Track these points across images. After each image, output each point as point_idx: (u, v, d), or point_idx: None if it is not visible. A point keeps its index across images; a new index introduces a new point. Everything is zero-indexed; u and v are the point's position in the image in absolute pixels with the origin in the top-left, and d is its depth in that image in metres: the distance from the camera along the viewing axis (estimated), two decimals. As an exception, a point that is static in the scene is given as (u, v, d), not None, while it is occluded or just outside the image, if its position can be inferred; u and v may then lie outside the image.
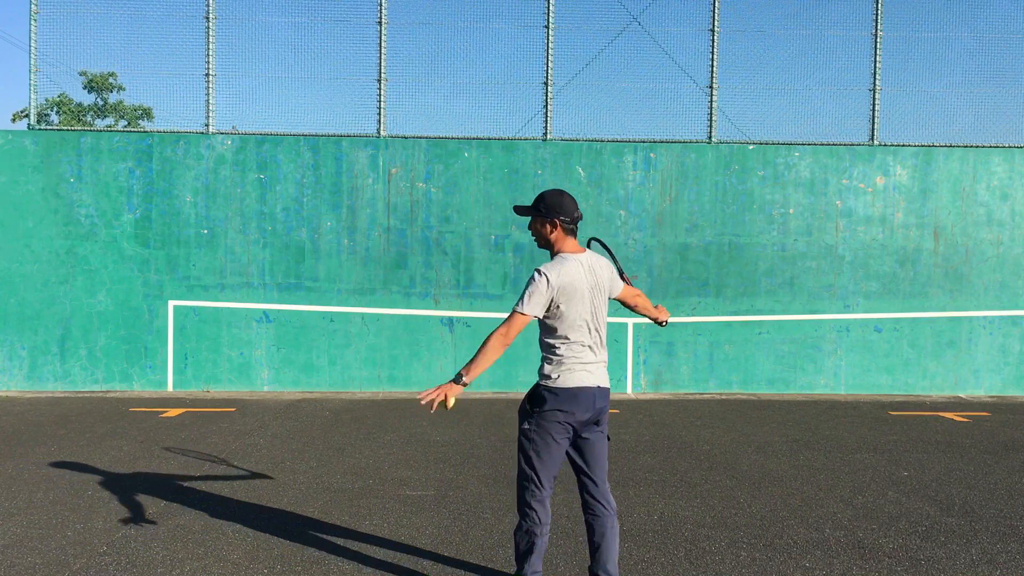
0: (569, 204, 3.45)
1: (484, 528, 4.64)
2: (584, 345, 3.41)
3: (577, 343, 3.40)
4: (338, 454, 6.43)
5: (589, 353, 3.43)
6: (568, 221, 3.44)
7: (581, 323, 3.40)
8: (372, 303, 9.63)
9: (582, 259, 3.45)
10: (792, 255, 9.80)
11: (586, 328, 3.41)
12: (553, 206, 3.43)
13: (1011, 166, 9.91)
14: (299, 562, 4.11)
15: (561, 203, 3.44)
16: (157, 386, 9.49)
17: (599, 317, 3.48)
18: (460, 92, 9.96)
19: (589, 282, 3.42)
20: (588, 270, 3.44)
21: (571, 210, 3.44)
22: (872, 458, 6.42)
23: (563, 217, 3.43)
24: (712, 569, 4.06)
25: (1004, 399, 9.60)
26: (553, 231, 3.45)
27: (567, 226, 3.45)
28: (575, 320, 3.38)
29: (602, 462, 3.52)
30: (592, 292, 3.43)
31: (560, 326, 3.39)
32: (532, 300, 3.31)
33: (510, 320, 3.32)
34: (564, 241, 3.47)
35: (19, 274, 9.42)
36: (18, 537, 4.44)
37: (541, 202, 3.46)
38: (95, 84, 22.03)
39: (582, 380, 3.39)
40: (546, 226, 3.46)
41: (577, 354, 3.40)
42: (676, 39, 9.90)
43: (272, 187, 9.58)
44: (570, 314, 3.37)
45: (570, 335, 3.39)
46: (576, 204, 3.49)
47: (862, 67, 9.93)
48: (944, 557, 4.26)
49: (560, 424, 3.38)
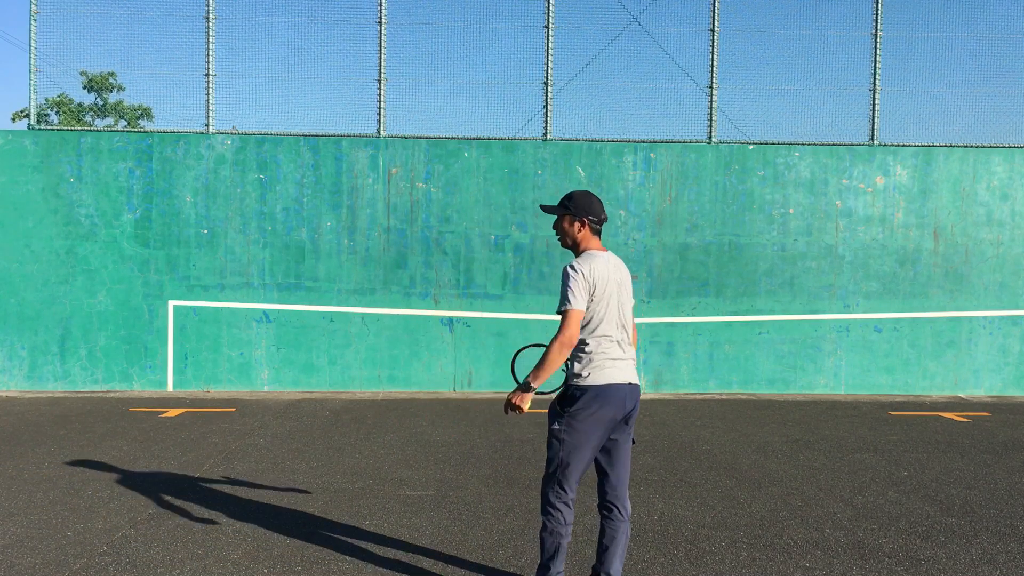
0: (597, 205, 3.52)
1: (484, 528, 4.64)
2: (613, 341, 3.42)
3: (606, 339, 3.41)
4: (338, 454, 6.42)
5: (618, 349, 3.44)
6: (596, 221, 3.51)
7: (610, 319, 3.41)
8: (372, 303, 9.63)
9: (608, 257, 3.49)
10: (792, 255, 9.80)
11: (614, 325, 3.43)
12: (583, 206, 3.50)
13: (1011, 166, 9.91)
14: (299, 562, 4.11)
15: (591, 203, 3.51)
16: (157, 386, 9.49)
17: (626, 314, 3.49)
18: (460, 92, 9.96)
19: (616, 278, 3.46)
20: (614, 267, 3.48)
21: (599, 211, 3.52)
22: (872, 458, 6.42)
23: (592, 217, 3.49)
24: (712, 569, 4.06)
25: (1004, 399, 9.60)
26: (581, 230, 3.51)
27: (595, 226, 3.51)
28: (604, 316, 3.40)
29: (626, 464, 3.51)
30: (619, 289, 3.46)
31: (593, 323, 3.40)
32: (577, 294, 3.32)
33: (566, 321, 3.31)
34: (590, 240, 3.52)
35: (19, 274, 9.42)
36: (18, 537, 4.43)
37: (570, 201, 3.52)
38: (94, 84, 22.04)
39: (613, 377, 3.39)
40: (575, 224, 3.51)
41: (606, 350, 3.41)
42: (676, 39, 9.90)
43: (272, 187, 9.58)
44: (600, 310, 3.39)
45: (599, 332, 3.40)
46: (603, 206, 3.57)
47: (862, 67, 9.93)
48: (944, 557, 4.26)
49: (593, 423, 3.35)
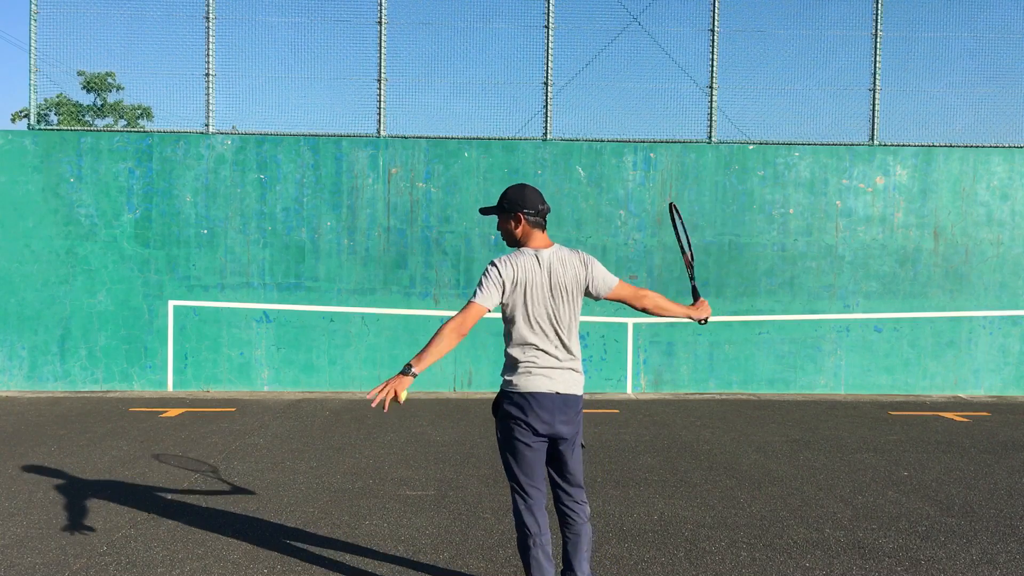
0: (532, 196, 3.27)
1: (484, 528, 4.64)
2: (541, 348, 3.19)
3: (534, 346, 3.18)
4: (338, 454, 6.42)
5: (548, 357, 3.19)
6: (533, 213, 3.26)
7: (537, 324, 3.19)
8: (372, 303, 9.63)
9: (543, 254, 3.23)
10: (792, 255, 9.80)
11: (543, 330, 3.19)
12: (516, 200, 3.27)
13: (1011, 166, 9.91)
14: (299, 562, 4.11)
15: (523, 196, 3.27)
16: (157, 386, 9.49)
17: (561, 318, 3.22)
18: (460, 92, 9.96)
19: (546, 280, 3.20)
20: (545, 266, 3.21)
21: (535, 202, 3.27)
22: (872, 458, 6.42)
23: (527, 210, 3.25)
24: (712, 569, 4.06)
25: (1004, 399, 9.60)
26: (518, 226, 3.28)
27: (532, 218, 3.26)
28: (530, 320, 3.19)
29: (574, 469, 3.30)
30: (553, 290, 3.20)
31: (515, 326, 3.20)
32: (484, 290, 3.14)
33: (464, 310, 3.13)
34: (531, 235, 3.28)
35: (19, 274, 9.42)
36: (18, 537, 4.43)
37: (504, 199, 3.30)
38: (93, 84, 22.04)
39: (539, 385, 3.17)
40: (510, 222, 3.29)
41: (534, 358, 3.19)
42: (676, 39, 9.90)
43: (272, 187, 9.57)
44: (524, 313, 3.18)
45: (526, 337, 3.18)
46: (541, 197, 3.31)
47: (862, 67, 9.93)
48: (944, 557, 4.26)
49: (521, 430, 3.18)
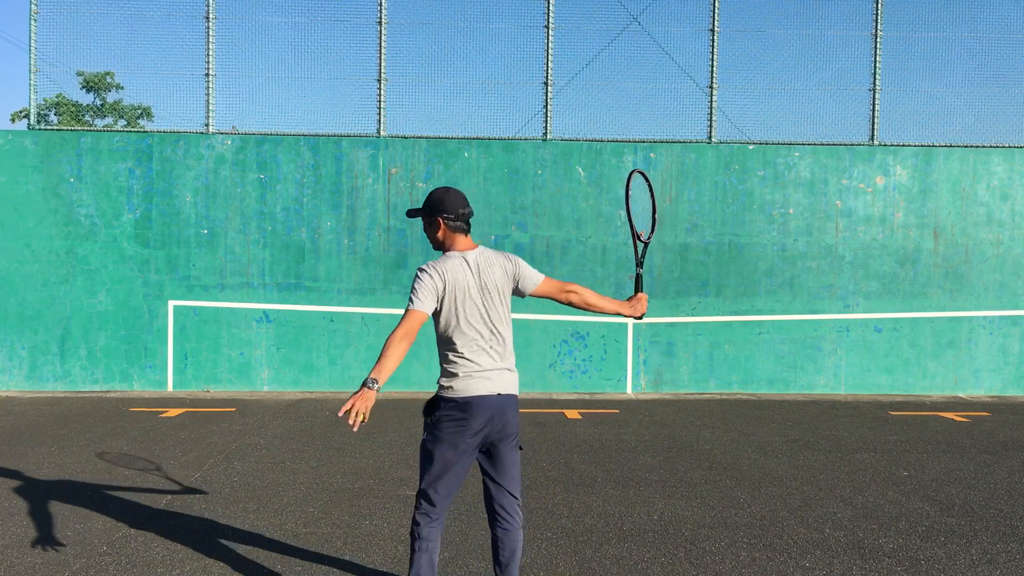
0: (454, 200, 3.22)
1: (484, 528, 4.63)
2: (480, 349, 3.16)
3: (471, 348, 3.15)
4: (338, 454, 6.43)
5: (487, 358, 3.17)
6: (453, 218, 3.21)
7: (473, 325, 3.16)
8: (372, 303, 9.63)
9: (469, 256, 3.21)
10: (792, 255, 9.80)
11: (478, 331, 3.17)
12: (435, 204, 3.22)
13: (1011, 166, 9.91)
14: (299, 562, 4.11)
15: (444, 200, 3.22)
16: (157, 386, 9.49)
17: (495, 318, 3.20)
18: (460, 92, 9.97)
19: (475, 282, 3.18)
20: (474, 268, 3.19)
21: (455, 206, 3.22)
22: (872, 458, 6.42)
23: (447, 215, 3.21)
24: (712, 569, 4.06)
25: (1004, 399, 9.60)
26: (439, 230, 3.24)
27: (452, 223, 3.22)
28: (465, 322, 3.15)
29: (512, 472, 3.28)
30: (482, 292, 3.19)
31: (450, 330, 3.16)
32: (419, 296, 3.09)
33: (406, 318, 3.07)
34: (453, 239, 3.24)
35: (19, 274, 9.42)
36: (18, 537, 4.44)
37: (426, 203, 3.27)
38: (93, 84, 22.04)
39: (479, 388, 3.14)
40: (432, 226, 3.26)
41: (473, 359, 3.15)
42: (676, 39, 9.90)
43: (272, 187, 9.58)
44: (458, 315, 3.15)
45: (463, 339, 3.15)
46: (465, 200, 3.26)
47: (862, 67, 9.93)
48: (944, 557, 4.26)
49: (456, 436, 3.12)
